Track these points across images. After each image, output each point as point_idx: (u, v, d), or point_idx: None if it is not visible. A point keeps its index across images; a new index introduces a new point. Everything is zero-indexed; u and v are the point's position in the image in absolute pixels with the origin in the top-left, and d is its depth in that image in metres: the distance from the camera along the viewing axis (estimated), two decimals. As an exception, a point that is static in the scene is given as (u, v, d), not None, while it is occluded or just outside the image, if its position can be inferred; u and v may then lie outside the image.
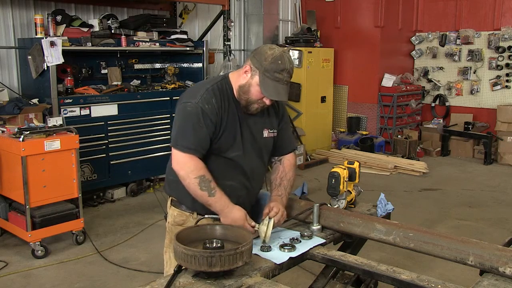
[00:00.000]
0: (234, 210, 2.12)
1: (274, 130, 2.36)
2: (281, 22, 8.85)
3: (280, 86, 2.11)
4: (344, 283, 2.20)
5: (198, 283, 1.73)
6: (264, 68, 2.09)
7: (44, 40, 4.99)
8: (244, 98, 2.19)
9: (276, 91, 2.12)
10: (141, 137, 5.89)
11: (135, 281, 3.86)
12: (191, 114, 2.13)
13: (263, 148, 2.33)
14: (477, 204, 5.97)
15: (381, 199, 2.52)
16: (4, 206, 4.53)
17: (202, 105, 2.12)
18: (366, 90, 8.60)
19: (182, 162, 2.13)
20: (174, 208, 2.35)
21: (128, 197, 5.97)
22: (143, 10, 6.73)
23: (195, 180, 2.09)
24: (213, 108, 2.13)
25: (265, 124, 2.32)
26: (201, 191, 2.09)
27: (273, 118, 2.37)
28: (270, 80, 2.10)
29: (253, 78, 2.14)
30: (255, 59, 2.14)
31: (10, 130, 4.37)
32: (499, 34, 8.14)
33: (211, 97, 2.15)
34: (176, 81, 6.63)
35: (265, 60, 2.10)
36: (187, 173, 2.11)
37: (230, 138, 2.20)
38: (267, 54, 2.11)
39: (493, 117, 8.19)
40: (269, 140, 2.35)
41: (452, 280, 2.23)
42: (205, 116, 2.11)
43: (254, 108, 2.21)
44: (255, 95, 2.15)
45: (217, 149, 2.19)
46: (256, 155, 2.30)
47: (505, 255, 1.80)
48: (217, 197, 2.10)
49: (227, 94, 2.21)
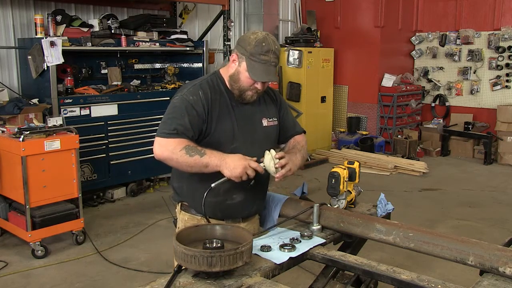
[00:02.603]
0: (230, 156, 2.05)
1: (274, 118, 2.35)
2: (281, 22, 8.85)
3: (268, 68, 2.11)
4: (344, 283, 2.20)
5: (198, 283, 1.73)
6: (250, 52, 2.10)
7: (44, 40, 5.00)
8: (236, 87, 2.18)
9: (264, 72, 2.11)
10: (141, 137, 5.89)
11: (135, 281, 3.86)
12: (175, 107, 2.14)
13: (265, 137, 2.31)
14: (477, 204, 5.97)
15: (381, 199, 2.52)
16: (4, 206, 4.54)
17: (186, 96, 2.13)
18: (366, 90, 8.60)
19: (163, 145, 2.08)
20: (184, 213, 2.33)
21: (128, 197, 5.97)
22: (143, 10, 6.74)
23: (181, 152, 2.03)
24: (199, 99, 2.12)
25: (263, 113, 2.31)
26: (192, 157, 2.03)
27: (270, 106, 2.36)
28: (257, 63, 2.10)
29: (241, 65, 2.14)
30: (240, 46, 2.15)
31: (10, 130, 4.37)
32: (499, 34, 8.14)
33: (197, 90, 2.15)
34: (176, 81, 6.64)
35: (249, 45, 2.10)
36: (171, 151, 2.05)
37: (226, 130, 2.18)
38: (251, 38, 2.12)
39: (493, 117, 8.19)
40: (271, 129, 2.33)
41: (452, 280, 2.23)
42: (189, 106, 2.10)
43: (249, 96, 2.19)
44: (245, 81, 2.15)
45: (215, 143, 2.16)
46: (258, 145, 2.25)
47: (505, 255, 1.80)
48: (209, 153, 2.04)
49: (218, 87, 2.21)
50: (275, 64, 2.13)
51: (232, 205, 2.24)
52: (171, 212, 5.19)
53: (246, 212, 2.33)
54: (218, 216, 2.24)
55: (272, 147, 2.17)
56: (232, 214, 2.28)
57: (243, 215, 2.33)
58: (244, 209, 2.31)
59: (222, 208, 2.23)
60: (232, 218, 2.29)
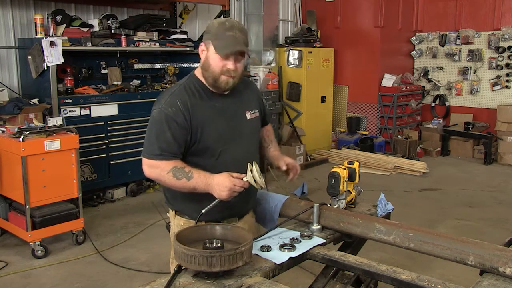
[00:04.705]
0: (216, 176, 2.06)
1: (256, 110, 2.35)
2: (281, 22, 8.84)
3: (235, 40, 2.08)
4: (344, 283, 2.20)
5: (198, 283, 1.73)
6: (214, 34, 2.12)
7: (44, 40, 5.00)
8: (209, 76, 2.15)
9: (231, 44, 2.08)
10: (141, 137, 5.76)
11: (135, 281, 3.86)
12: (154, 121, 2.14)
13: (251, 130, 2.32)
14: (477, 204, 5.97)
15: (381, 199, 2.52)
16: (4, 206, 4.54)
17: (165, 109, 2.11)
18: (366, 90, 8.60)
19: (150, 166, 2.12)
20: (180, 218, 2.32)
21: (128, 197, 5.96)
22: (143, 10, 6.73)
23: (169, 174, 2.07)
24: (178, 109, 2.10)
25: (245, 106, 2.31)
26: (179, 180, 2.06)
27: (250, 98, 2.36)
28: (223, 41, 2.09)
29: (209, 49, 2.13)
30: (205, 34, 2.18)
31: (10, 130, 4.37)
32: (499, 34, 8.14)
33: (175, 99, 2.12)
34: (176, 81, 6.63)
35: (213, 28, 2.14)
36: (159, 173, 2.09)
37: (212, 135, 2.16)
38: (213, 23, 2.18)
39: (493, 117, 8.19)
40: (254, 121, 2.34)
41: (452, 280, 2.23)
42: (169, 119, 2.09)
43: (224, 82, 2.13)
44: (215, 65, 2.11)
45: (203, 149, 2.16)
46: (245, 141, 2.28)
47: (505, 255, 1.80)
48: (196, 176, 2.06)
49: (196, 89, 2.18)
50: (243, 40, 2.11)
51: (228, 207, 2.22)
52: (161, 215, 5.19)
53: (242, 210, 2.35)
54: (215, 217, 2.22)
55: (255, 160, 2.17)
56: (229, 214, 2.28)
57: (240, 214, 2.34)
58: (240, 208, 2.32)
59: (218, 210, 2.22)
60: (229, 218, 2.29)
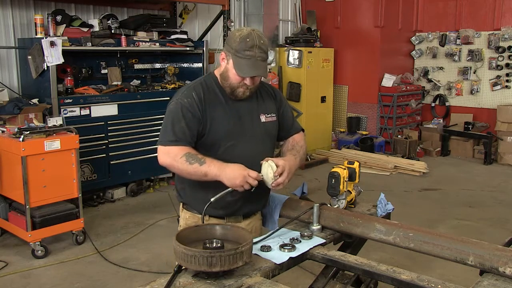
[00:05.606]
0: (230, 166, 2.08)
1: (273, 114, 2.36)
2: (281, 22, 8.84)
3: (254, 63, 2.11)
4: (344, 283, 2.20)
5: (198, 283, 1.73)
6: (235, 49, 2.12)
7: (44, 40, 4.99)
8: (226, 85, 2.21)
9: (251, 68, 2.12)
10: (141, 137, 5.89)
11: (135, 281, 3.86)
12: (171, 111, 2.19)
13: (264, 133, 2.32)
14: (477, 204, 5.97)
15: (381, 199, 2.52)
16: (4, 206, 4.54)
17: (181, 100, 2.18)
18: (366, 90, 8.60)
19: (165, 153, 2.15)
20: (186, 211, 2.37)
21: (128, 197, 5.96)
22: (143, 10, 6.73)
23: (182, 159, 2.09)
24: (193, 101, 2.17)
25: (261, 109, 2.32)
26: (192, 165, 2.08)
27: (268, 102, 2.36)
28: (242, 59, 2.11)
29: (229, 62, 2.17)
30: (227, 45, 2.19)
31: (10, 130, 4.37)
32: (499, 34, 8.14)
33: (191, 92, 2.20)
34: (176, 81, 6.63)
35: (234, 42, 2.13)
36: (172, 158, 2.12)
37: (219, 129, 2.20)
38: (235, 35, 2.15)
39: (493, 117, 8.19)
40: (270, 124, 2.34)
41: (452, 280, 2.23)
42: (184, 109, 2.16)
43: (241, 93, 2.21)
44: (234, 78, 2.17)
45: (210, 143, 2.19)
46: (256, 142, 2.28)
47: (505, 255, 1.80)
48: (208, 162, 2.08)
49: (212, 87, 2.25)
50: (262, 58, 2.14)
51: (233, 202, 2.24)
52: (176, 210, 5.19)
53: (247, 209, 2.34)
54: (219, 213, 2.25)
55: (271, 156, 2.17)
56: (233, 211, 2.29)
57: (244, 212, 2.33)
58: (245, 207, 2.31)
59: (223, 205, 2.23)
60: (234, 216, 2.30)
